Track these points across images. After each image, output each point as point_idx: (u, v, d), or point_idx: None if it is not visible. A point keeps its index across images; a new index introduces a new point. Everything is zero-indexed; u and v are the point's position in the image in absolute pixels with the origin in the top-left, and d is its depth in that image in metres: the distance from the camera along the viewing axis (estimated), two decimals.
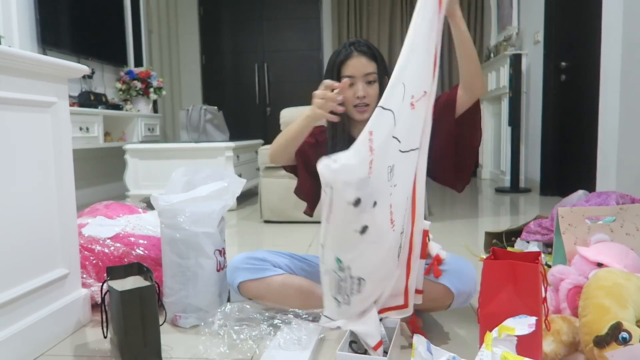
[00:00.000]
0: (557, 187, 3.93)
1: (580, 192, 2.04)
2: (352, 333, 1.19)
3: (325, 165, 1.05)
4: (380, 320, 1.23)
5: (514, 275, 0.98)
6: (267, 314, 1.41)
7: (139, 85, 4.47)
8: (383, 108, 1.07)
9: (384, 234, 1.14)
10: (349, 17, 5.88)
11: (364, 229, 1.11)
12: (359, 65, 1.37)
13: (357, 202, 1.07)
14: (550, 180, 4.04)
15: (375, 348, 1.14)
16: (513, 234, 2.10)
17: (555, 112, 3.98)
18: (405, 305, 1.25)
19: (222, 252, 1.54)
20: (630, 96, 2.74)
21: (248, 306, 1.42)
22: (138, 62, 4.89)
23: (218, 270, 1.51)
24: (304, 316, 1.37)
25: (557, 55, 3.92)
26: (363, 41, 1.42)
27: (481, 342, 0.91)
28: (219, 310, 1.41)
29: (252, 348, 1.28)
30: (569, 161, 3.90)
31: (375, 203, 1.09)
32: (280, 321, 1.36)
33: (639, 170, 2.76)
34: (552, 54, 3.96)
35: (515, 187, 4.36)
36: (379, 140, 1.05)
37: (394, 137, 1.09)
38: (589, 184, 3.07)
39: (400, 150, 1.11)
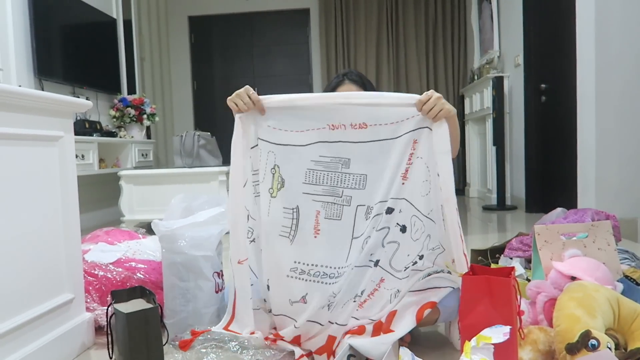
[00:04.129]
0: (541, 205, 4.05)
1: (559, 209, 2.16)
2: (350, 346, 1.28)
3: None
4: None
5: (490, 289, 1.08)
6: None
7: (132, 112, 4.56)
8: None
9: None
10: (337, 43, 6.05)
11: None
12: (349, 91, 1.62)
13: None
14: (535, 197, 4.17)
15: None
16: (497, 251, 2.19)
17: (537, 132, 4.13)
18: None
19: (220, 274, 1.63)
20: (605, 117, 2.89)
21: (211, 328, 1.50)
22: (131, 90, 4.99)
23: (216, 292, 1.59)
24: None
25: (536, 77, 4.09)
26: (355, 71, 1.66)
27: (462, 351, 1.00)
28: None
29: None
30: (551, 179, 4.03)
31: None
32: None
33: (616, 187, 2.89)
34: (532, 77, 4.12)
35: (502, 205, 4.48)
36: None
37: None
38: (571, 201, 3.20)
39: None
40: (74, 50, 4.09)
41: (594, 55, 2.88)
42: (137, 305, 1.42)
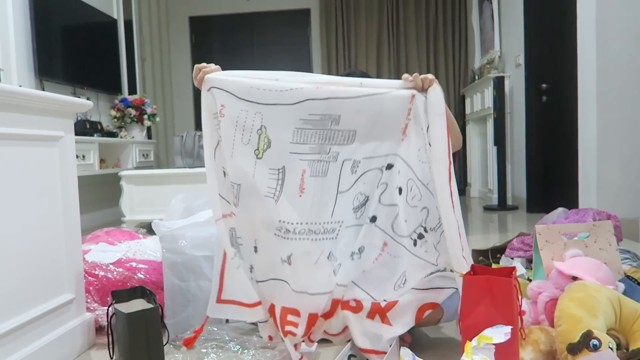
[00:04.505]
0: (542, 205, 4.04)
1: (560, 209, 2.15)
2: (352, 346, 1.27)
3: None
4: None
5: (491, 289, 1.07)
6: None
7: (133, 112, 4.57)
8: None
9: None
10: (337, 43, 6.06)
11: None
12: None
13: None
14: (536, 197, 4.16)
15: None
16: (498, 251, 2.19)
17: (538, 131, 4.13)
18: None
19: None
20: (606, 117, 2.88)
21: (215, 329, 1.51)
22: (132, 90, 4.99)
23: None
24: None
25: (537, 77, 4.08)
26: (358, 72, 1.64)
27: (463, 351, 0.99)
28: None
29: None
30: (552, 179, 4.02)
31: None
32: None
33: (617, 187, 2.88)
34: (533, 76, 4.12)
35: (503, 205, 4.47)
36: None
37: None
38: (572, 201, 3.19)
39: None
40: (74, 50, 4.09)
41: (595, 55, 2.88)
42: (137, 305, 1.42)
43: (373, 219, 1.35)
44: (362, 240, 1.35)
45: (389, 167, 1.35)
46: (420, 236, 1.35)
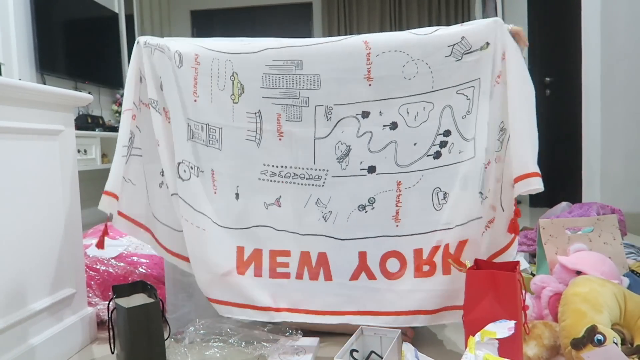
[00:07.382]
0: (546, 199, 4.02)
1: (564, 204, 2.14)
2: (358, 336, 1.27)
3: None
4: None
5: (494, 284, 1.06)
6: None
7: None
8: None
9: None
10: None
11: None
12: None
13: None
14: (540, 192, 4.13)
15: None
16: None
17: (541, 125, 4.07)
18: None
19: None
20: (610, 110, 2.86)
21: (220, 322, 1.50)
22: None
23: None
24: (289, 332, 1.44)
25: (541, 70, 4.05)
26: None
27: (466, 346, 0.99)
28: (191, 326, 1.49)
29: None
30: (556, 173, 4.00)
31: None
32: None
33: (621, 181, 2.86)
34: (537, 70, 4.09)
35: None
36: None
37: None
38: (576, 195, 3.18)
39: None
40: (76, 44, 4.07)
41: (600, 48, 2.86)
42: (138, 300, 1.42)
43: (371, 170, 1.37)
44: (370, 192, 1.37)
45: (365, 115, 1.36)
46: (443, 144, 1.35)
